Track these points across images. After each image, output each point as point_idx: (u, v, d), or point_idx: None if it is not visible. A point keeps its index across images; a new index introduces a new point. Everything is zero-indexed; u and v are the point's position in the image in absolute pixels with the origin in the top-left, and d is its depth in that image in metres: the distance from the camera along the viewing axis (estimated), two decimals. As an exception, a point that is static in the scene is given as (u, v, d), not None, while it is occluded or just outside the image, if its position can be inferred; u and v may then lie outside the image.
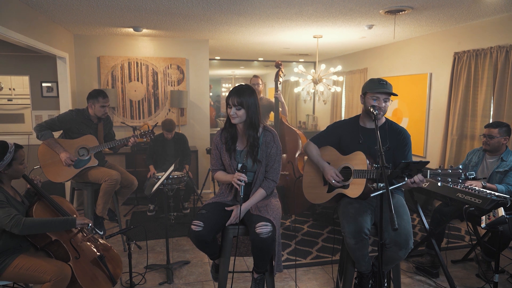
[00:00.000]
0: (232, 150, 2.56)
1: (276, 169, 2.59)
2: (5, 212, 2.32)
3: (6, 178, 2.49)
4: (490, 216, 2.52)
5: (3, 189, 2.44)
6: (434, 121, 5.34)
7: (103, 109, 3.73)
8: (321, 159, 2.79)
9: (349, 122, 2.82)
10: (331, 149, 2.84)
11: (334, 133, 2.84)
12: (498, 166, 3.37)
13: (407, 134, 2.67)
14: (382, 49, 6.46)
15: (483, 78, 4.42)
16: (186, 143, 5.27)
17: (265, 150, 2.54)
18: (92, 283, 2.56)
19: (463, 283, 3.34)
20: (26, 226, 2.34)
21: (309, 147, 2.87)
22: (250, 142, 2.51)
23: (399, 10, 3.98)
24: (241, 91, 2.44)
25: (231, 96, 2.45)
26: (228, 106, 2.47)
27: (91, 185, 3.74)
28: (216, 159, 2.64)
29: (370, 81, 2.64)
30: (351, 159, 2.67)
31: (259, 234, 2.26)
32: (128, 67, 5.82)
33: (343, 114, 7.74)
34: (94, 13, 4.24)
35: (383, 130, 2.65)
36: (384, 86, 2.55)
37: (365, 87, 2.64)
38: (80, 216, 2.72)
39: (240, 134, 2.58)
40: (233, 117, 2.46)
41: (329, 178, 2.68)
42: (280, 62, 5.07)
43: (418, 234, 4.39)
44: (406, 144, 2.64)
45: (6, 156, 2.40)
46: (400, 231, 2.37)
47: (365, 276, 2.61)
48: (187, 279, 3.42)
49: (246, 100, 2.43)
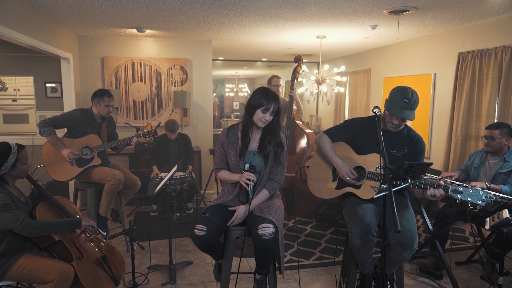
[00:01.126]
0: (245, 147, 2.53)
1: (281, 171, 2.58)
2: (14, 215, 2.33)
3: (11, 178, 2.50)
4: (495, 218, 2.50)
5: (8, 190, 2.45)
6: (438, 122, 5.32)
7: (108, 108, 3.74)
8: (334, 154, 2.73)
9: (368, 121, 2.74)
10: (344, 145, 2.78)
11: (351, 129, 2.78)
12: (501, 167, 3.35)
13: (422, 142, 2.65)
14: (386, 50, 6.44)
15: (487, 78, 4.40)
16: (189, 144, 5.27)
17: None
18: (95, 284, 2.57)
19: (467, 285, 3.32)
20: (35, 229, 2.37)
21: (323, 139, 2.80)
22: (267, 144, 2.50)
23: (402, 10, 3.96)
24: (276, 96, 2.42)
25: (272, 102, 2.39)
26: (263, 110, 2.40)
27: (94, 185, 3.74)
28: (220, 158, 2.61)
29: (397, 91, 2.53)
30: (366, 160, 2.64)
31: (262, 236, 2.26)
32: (131, 67, 5.84)
33: (347, 114, 7.73)
34: (97, 14, 4.25)
35: (401, 136, 2.63)
36: (406, 105, 2.45)
37: (390, 96, 2.55)
38: (83, 216, 2.73)
39: (253, 135, 2.56)
40: (265, 121, 2.43)
41: (344, 175, 2.65)
42: (300, 57, 4.83)
43: (422, 235, 4.37)
44: (421, 153, 2.63)
45: (9, 158, 2.41)
46: (405, 232, 2.35)
47: (367, 277, 2.60)
48: (189, 280, 3.42)
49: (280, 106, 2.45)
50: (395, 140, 2.62)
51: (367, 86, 6.87)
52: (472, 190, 2.15)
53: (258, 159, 2.53)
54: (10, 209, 2.34)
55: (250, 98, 2.47)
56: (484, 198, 2.10)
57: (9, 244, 2.41)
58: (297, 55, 4.85)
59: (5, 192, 2.40)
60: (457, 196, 2.16)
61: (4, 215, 2.32)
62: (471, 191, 2.15)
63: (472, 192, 2.14)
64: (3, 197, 2.36)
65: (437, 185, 2.30)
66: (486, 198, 2.10)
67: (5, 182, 2.47)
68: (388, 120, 2.55)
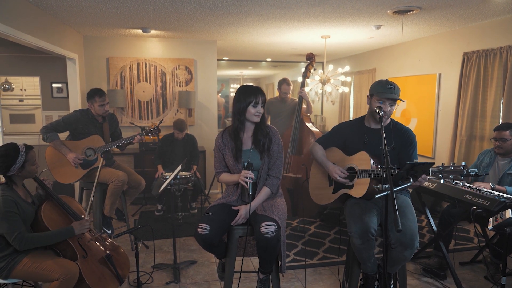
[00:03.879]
0: (239, 150, 2.56)
1: (278, 165, 2.60)
2: (11, 227, 2.35)
3: (19, 179, 2.54)
4: (498, 218, 2.50)
5: (15, 192, 2.47)
6: (443, 122, 5.30)
7: (102, 107, 3.72)
8: (325, 159, 2.81)
9: (354, 123, 2.85)
10: (336, 150, 2.86)
11: (339, 134, 2.87)
12: (510, 168, 3.34)
13: (411, 134, 2.68)
14: (390, 49, 6.43)
15: (492, 78, 4.38)
16: (195, 145, 5.29)
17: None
18: (100, 282, 2.59)
19: (471, 285, 3.31)
20: (26, 244, 2.38)
21: (315, 149, 2.91)
22: (261, 137, 2.53)
23: (407, 10, 3.95)
24: (259, 88, 2.50)
25: (258, 94, 2.45)
26: (255, 104, 2.46)
27: (99, 185, 3.77)
28: (219, 161, 2.65)
29: (378, 83, 2.64)
30: (355, 159, 2.69)
31: (264, 234, 2.27)
32: (136, 68, 5.87)
33: (351, 114, 7.71)
34: (103, 14, 4.29)
35: (388, 130, 2.66)
36: (392, 90, 2.55)
37: (373, 89, 2.65)
38: (90, 215, 2.75)
39: (246, 134, 2.59)
40: (259, 114, 2.48)
41: (334, 176, 2.70)
42: (312, 55, 4.71)
43: (426, 235, 4.36)
44: (411, 144, 2.64)
45: (18, 159, 2.44)
46: (406, 231, 2.36)
47: (370, 277, 2.60)
48: (193, 279, 3.44)
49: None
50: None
51: (371, 86, 6.85)
52: (452, 168, 2.19)
53: (254, 157, 2.56)
54: (10, 219, 2.35)
55: (236, 101, 2.50)
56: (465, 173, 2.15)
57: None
58: (309, 53, 4.76)
59: (11, 197, 2.41)
60: (440, 176, 2.22)
61: (2, 223, 2.35)
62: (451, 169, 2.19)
63: (453, 170, 2.19)
64: (8, 204, 2.37)
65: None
66: (467, 173, 2.15)
67: (13, 183, 2.50)
68: (378, 106, 2.54)
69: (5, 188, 2.45)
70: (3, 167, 2.42)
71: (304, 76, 4.85)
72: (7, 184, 2.48)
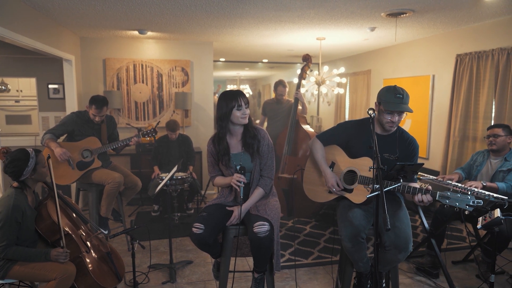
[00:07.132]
0: (226, 155, 2.58)
1: (270, 166, 2.62)
2: (3, 235, 2.35)
3: (32, 182, 2.58)
4: (486, 217, 2.55)
5: (23, 198, 2.49)
6: (436, 123, 5.36)
7: (94, 117, 3.74)
8: (324, 163, 2.75)
9: (361, 124, 2.73)
10: (337, 149, 2.79)
11: (344, 133, 2.77)
12: (502, 166, 3.43)
13: (416, 145, 2.63)
14: (385, 51, 6.49)
15: (484, 80, 4.44)
16: (190, 145, 5.32)
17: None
18: (102, 277, 2.63)
19: (462, 284, 3.36)
20: (8, 254, 2.38)
21: (315, 145, 2.81)
22: (249, 139, 2.54)
23: (400, 13, 4.01)
24: (239, 90, 2.53)
25: (239, 97, 2.46)
26: (238, 107, 2.46)
27: (95, 186, 3.80)
28: (212, 166, 2.69)
29: (386, 90, 2.53)
30: (358, 164, 2.65)
31: (257, 233, 2.31)
32: (133, 69, 5.90)
33: (347, 115, 7.77)
34: (99, 16, 4.31)
35: (394, 138, 2.62)
36: (401, 100, 2.47)
37: (381, 97, 2.54)
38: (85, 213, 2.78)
39: (235, 138, 2.61)
40: (245, 115, 2.49)
41: (330, 187, 2.69)
42: (308, 56, 4.66)
43: (420, 235, 4.41)
44: (414, 155, 2.62)
45: (29, 162, 2.48)
46: (400, 234, 2.40)
47: (364, 276, 2.64)
48: (189, 279, 3.47)
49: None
50: (388, 143, 2.62)
51: (367, 87, 6.92)
52: (460, 195, 2.17)
53: (246, 159, 2.59)
54: (6, 227, 2.36)
55: (220, 109, 2.49)
56: (471, 203, 2.13)
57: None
58: (305, 54, 4.75)
59: (21, 205, 2.43)
60: (445, 202, 2.18)
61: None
62: (459, 196, 2.16)
63: (460, 198, 2.16)
64: (15, 211, 2.38)
65: (425, 191, 2.31)
66: (473, 203, 2.13)
67: (26, 186, 2.54)
68: (387, 120, 2.53)
69: (18, 193, 2.49)
70: (16, 171, 2.46)
71: (300, 77, 4.90)
72: (20, 189, 2.52)
